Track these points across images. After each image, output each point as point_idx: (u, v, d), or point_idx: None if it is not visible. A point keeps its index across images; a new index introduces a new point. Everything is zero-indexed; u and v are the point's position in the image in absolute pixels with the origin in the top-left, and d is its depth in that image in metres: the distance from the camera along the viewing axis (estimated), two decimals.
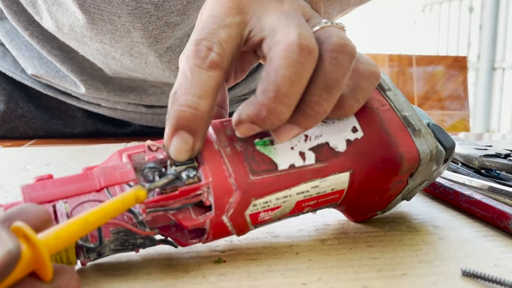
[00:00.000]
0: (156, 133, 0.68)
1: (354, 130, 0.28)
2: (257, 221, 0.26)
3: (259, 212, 0.25)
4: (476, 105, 2.38)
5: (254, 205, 0.25)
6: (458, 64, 1.24)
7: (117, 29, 0.51)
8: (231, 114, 0.25)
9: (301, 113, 0.24)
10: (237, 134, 0.24)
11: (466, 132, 1.15)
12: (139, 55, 0.54)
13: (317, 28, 0.25)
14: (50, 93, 0.62)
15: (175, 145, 0.23)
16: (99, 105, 0.62)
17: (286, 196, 0.26)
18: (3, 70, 0.62)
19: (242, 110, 0.24)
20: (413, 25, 2.14)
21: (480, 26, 2.32)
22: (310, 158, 0.26)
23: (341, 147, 0.27)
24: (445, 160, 0.31)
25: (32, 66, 0.59)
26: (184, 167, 0.24)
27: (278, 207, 0.26)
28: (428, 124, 0.31)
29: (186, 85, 0.24)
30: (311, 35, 0.24)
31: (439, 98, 1.24)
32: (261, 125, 0.24)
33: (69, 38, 0.54)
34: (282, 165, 0.25)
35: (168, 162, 0.24)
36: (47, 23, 0.53)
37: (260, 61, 0.31)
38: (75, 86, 0.59)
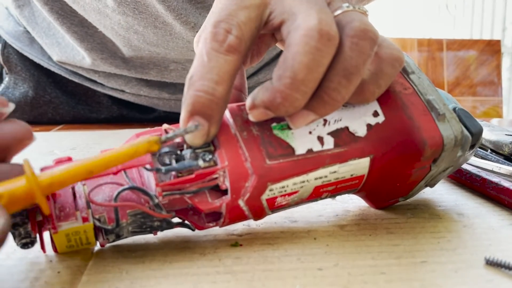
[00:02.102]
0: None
1: (375, 114, 0.27)
2: (274, 206, 0.26)
3: (276, 197, 0.25)
4: (511, 91, 2.29)
5: (270, 190, 0.25)
6: (491, 48, 1.19)
7: None
8: None
9: (318, 99, 0.23)
10: (250, 118, 0.24)
11: (499, 118, 1.12)
12: (164, 25, 0.53)
13: (338, 12, 0.25)
14: (75, 79, 0.63)
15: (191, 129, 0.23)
16: (123, 91, 0.63)
17: (303, 181, 0.26)
18: (31, 57, 0.63)
19: (257, 95, 0.23)
20: (445, 10, 2.07)
21: None
22: (329, 142, 0.26)
23: (361, 131, 0.26)
24: (472, 146, 0.30)
25: (55, 53, 0.60)
26: (200, 150, 0.24)
27: (295, 192, 0.26)
28: (454, 109, 0.29)
29: (203, 70, 0.23)
30: (332, 20, 0.23)
31: (470, 84, 1.20)
32: (275, 111, 0.23)
33: (90, 9, 0.53)
34: (300, 149, 0.25)
35: (185, 146, 0.24)
36: None
37: (277, 44, 0.31)
38: (95, 65, 0.59)
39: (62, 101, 0.65)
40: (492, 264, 0.23)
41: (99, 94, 0.66)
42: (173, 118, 0.70)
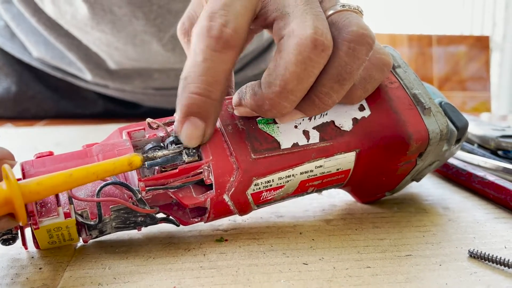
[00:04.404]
0: (167, 114, 0.69)
1: (361, 108, 0.27)
2: (259, 201, 0.26)
3: (262, 192, 0.25)
4: (501, 87, 2.31)
5: (256, 185, 0.25)
6: (481, 44, 1.20)
7: (118, 18, 0.51)
8: None
9: (309, 101, 0.23)
10: (235, 113, 0.24)
11: (488, 113, 1.12)
12: (142, 43, 0.53)
13: (331, 11, 0.24)
14: (58, 74, 0.62)
15: (187, 131, 0.23)
16: (107, 86, 0.62)
17: (289, 176, 0.25)
18: (12, 52, 0.62)
19: (245, 95, 0.23)
20: (436, 4, 2.09)
21: (506, 5, 2.24)
22: (315, 137, 0.26)
23: (347, 126, 0.26)
24: (458, 140, 0.30)
25: (38, 51, 0.59)
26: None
27: (281, 187, 0.26)
28: (440, 103, 0.30)
29: (197, 70, 0.22)
30: (327, 28, 0.22)
31: (460, 79, 1.20)
32: (261, 114, 0.23)
33: (72, 26, 0.54)
34: (285, 144, 0.25)
35: (168, 139, 0.24)
36: (50, 10, 0.53)
37: (267, 31, 0.30)
38: (81, 72, 0.59)
39: (46, 96, 0.64)
40: (476, 257, 0.23)
41: (83, 89, 0.65)
42: (159, 114, 0.69)
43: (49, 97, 0.64)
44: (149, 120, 0.25)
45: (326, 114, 0.26)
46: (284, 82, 0.22)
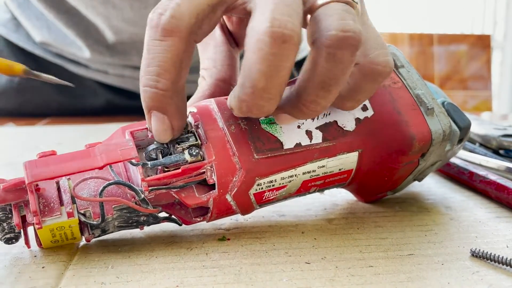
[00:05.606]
0: None
1: (364, 108, 0.27)
2: (262, 201, 0.26)
3: (264, 192, 0.25)
4: (502, 86, 2.31)
5: (258, 185, 0.25)
6: (482, 43, 1.20)
7: None
8: None
9: (297, 109, 0.22)
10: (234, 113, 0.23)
11: (490, 112, 1.12)
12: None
13: (320, 2, 0.21)
14: (59, 61, 0.64)
15: (153, 126, 0.22)
16: (106, 72, 0.63)
17: (291, 176, 0.25)
18: (17, 42, 0.65)
19: (229, 98, 0.22)
20: (437, 3, 2.08)
21: (507, 4, 2.23)
22: (317, 137, 0.26)
23: (350, 126, 0.26)
24: (460, 140, 0.30)
25: (41, 35, 0.62)
26: (187, 145, 0.24)
27: (283, 187, 0.26)
28: (442, 103, 0.30)
29: (144, 63, 0.22)
30: (289, 16, 0.20)
31: (461, 78, 1.20)
32: (244, 115, 0.22)
33: None
34: (288, 144, 0.25)
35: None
36: None
37: None
38: (81, 51, 0.61)
39: (47, 86, 0.65)
40: (478, 256, 0.23)
41: (84, 78, 0.66)
42: None
43: (50, 86, 0.65)
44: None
45: (329, 114, 0.26)
46: (252, 82, 0.20)
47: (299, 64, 0.25)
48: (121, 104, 0.68)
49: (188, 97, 0.26)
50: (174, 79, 0.22)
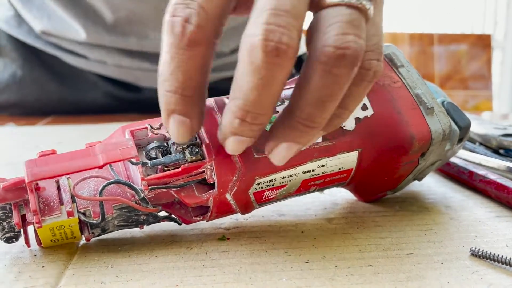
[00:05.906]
0: None
1: (364, 108, 0.27)
2: (262, 200, 0.26)
3: (264, 191, 0.25)
4: (502, 86, 2.31)
5: (258, 184, 0.25)
6: (482, 43, 1.19)
7: None
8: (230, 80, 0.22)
9: (293, 129, 0.21)
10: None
11: (490, 112, 1.12)
12: None
13: (329, 2, 0.20)
14: (59, 53, 0.65)
15: (173, 128, 0.22)
16: (105, 62, 0.64)
17: (291, 175, 0.25)
18: (18, 36, 0.65)
19: (223, 115, 0.21)
20: (437, 3, 2.08)
21: (507, 3, 2.23)
22: None
23: (349, 125, 0.26)
24: (460, 140, 0.30)
25: (41, 24, 0.63)
26: (187, 144, 0.24)
27: (283, 186, 0.26)
28: (442, 103, 0.30)
29: (168, 69, 0.21)
30: (285, 27, 0.18)
31: (461, 78, 1.20)
32: (241, 134, 0.21)
33: None
34: None
35: (171, 139, 0.24)
36: None
37: None
38: (78, 34, 0.62)
39: (48, 78, 0.66)
40: (477, 255, 0.23)
41: (84, 71, 0.67)
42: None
43: (50, 79, 0.66)
44: (149, 125, 0.24)
45: None
46: (244, 94, 0.19)
47: (299, 62, 0.25)
48: (121, 96, 0.69)
49: None
50: (200, 83, 0.21)
